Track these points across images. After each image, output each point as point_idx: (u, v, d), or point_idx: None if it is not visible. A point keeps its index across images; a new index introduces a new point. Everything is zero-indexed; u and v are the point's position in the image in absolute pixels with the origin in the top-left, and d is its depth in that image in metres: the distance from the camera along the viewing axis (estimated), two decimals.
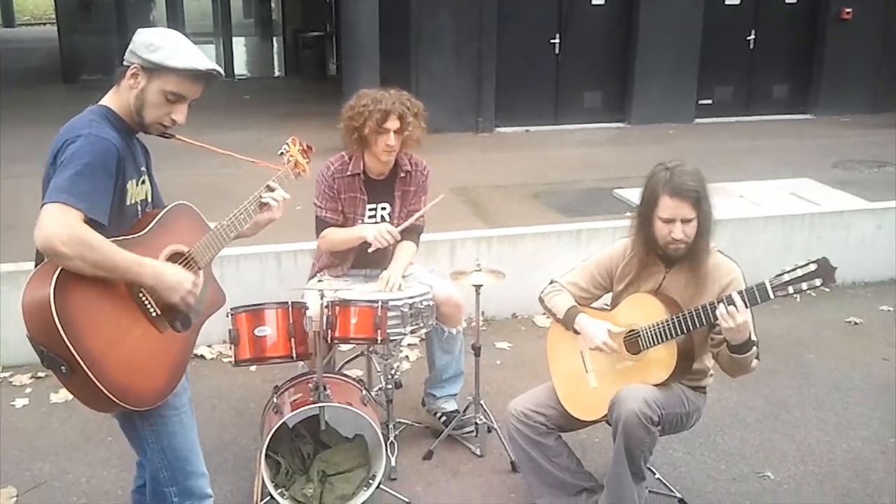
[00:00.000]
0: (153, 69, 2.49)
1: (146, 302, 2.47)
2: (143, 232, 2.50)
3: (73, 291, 2.28)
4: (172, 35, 2.54)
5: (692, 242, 3.13)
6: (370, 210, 4.03)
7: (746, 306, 2.92)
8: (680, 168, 3.11)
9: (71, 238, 2.24)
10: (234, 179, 2.92)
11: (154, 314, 2.49)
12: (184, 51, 2.52)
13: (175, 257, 2.59)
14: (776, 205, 6.92)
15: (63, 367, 2.29)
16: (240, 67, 16.67)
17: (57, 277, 2.25)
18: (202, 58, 2.56)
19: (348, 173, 3.96)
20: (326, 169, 3.98)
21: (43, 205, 2.29)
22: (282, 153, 3.15)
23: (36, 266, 2.42)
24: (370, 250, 3.86)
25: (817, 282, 2.82)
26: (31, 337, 2.31)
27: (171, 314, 2.55)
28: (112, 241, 2.34)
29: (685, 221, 3.09)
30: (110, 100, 2.56)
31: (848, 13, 11.65)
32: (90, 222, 2.30)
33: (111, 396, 2.33)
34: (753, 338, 3.07)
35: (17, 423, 4.30)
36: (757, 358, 3.12)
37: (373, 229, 3.85)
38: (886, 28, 11.90)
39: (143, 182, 2.63)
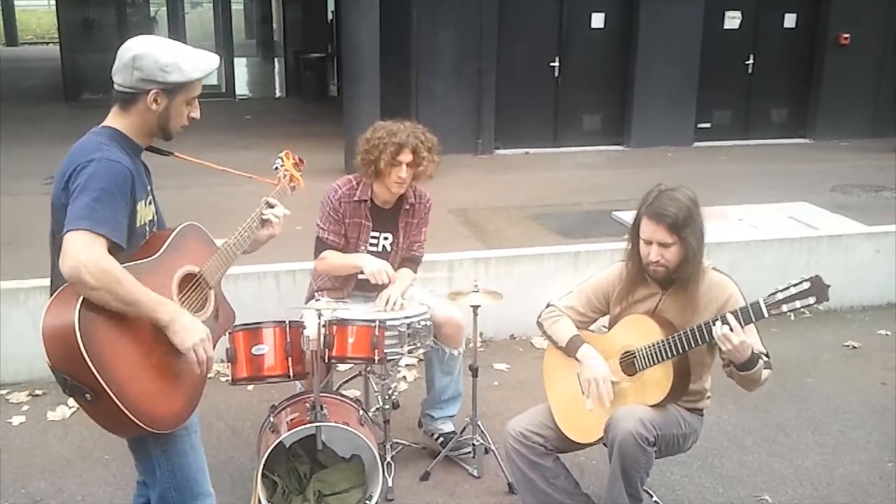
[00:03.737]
0: (174, 88, 2.52)
1: None
2: (156, 255, 2.51)
3: (97, 317, 2.27)
4: (169, 46, 2.54)
5: (678, 268, 3.14)
6: (372, 237, 4.04)
7: (742, 326, 2.93)
8: (669, 192, 3.12)
9: (99, 270, 2.24)
10: (234, 197, 2.94)
11: None
12: (191, 58, 2.54)
13: (187, 278, 2.60)
14: (774, 228, 6.93)
15: (88, 395, 2.27)
16: (241, 88, 16.73)
17: (81, 304, 2.23)
18: (206, 56, 2.60)
19: (355, 199, 3.98)
20: (333, 192, 3.99)
21: (65, 232, 2.28)
22: (276, 168, 3.17)
23: (52, 289, 2.41)
24: (360, 276, 3.87)
25: (811, 300, 2.83)
26: (54, 366, 2.28)
27: None
28: (128, 267, 2.34)
29: (663, 245, 3.10)
30: (116, 121, 2.56)
31: (846, 38, 11.74)
32: (111, 246, 2.31)
33: (137, 421, 2.33)
34: (760, 348, 3.09)
35: (13, 441, 4.29)
36: (769, 368, 3.11)
37: (372, 265, 3.85)
38: (884, 53, 11.98)
39: (150, 203, 2.64)
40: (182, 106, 2.57)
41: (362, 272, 3.87)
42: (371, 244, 4.04)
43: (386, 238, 4.06)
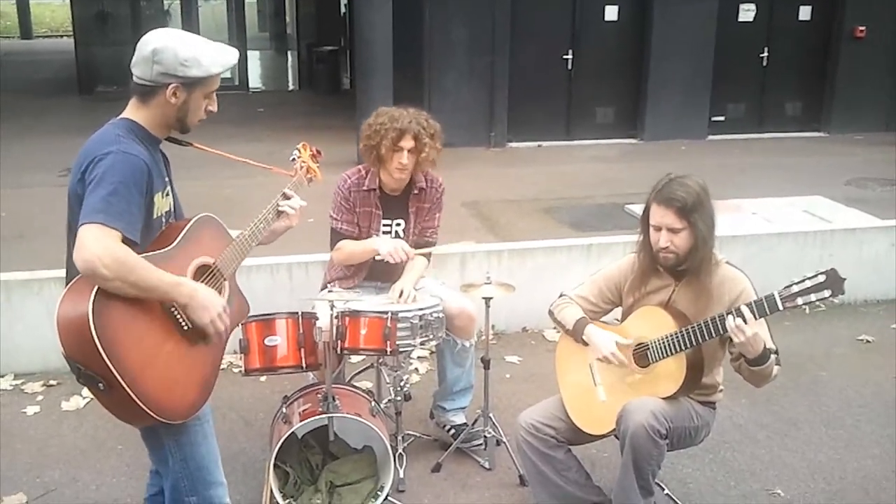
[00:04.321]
0: (194, 83, 2.53)
1: (178, 316, 2.48)
2: (171, 246, 2.52)
3: (111, 308, 2.28)
4: (189, 40, 2.55)
5: (689, 255, 3.13)
6: (385, 226, 4.05)
7: (756, 318, 2.92)
8: (679, 179, 3.13)
9: (113, 261, 2.25)
10: (247, 190, 2.96)
11: (186, 327, 2.50)
12: (210, 53, 2.55)
13: (202, 269, 2.61)
14: (788, 222, 6.91)
15: (101, 385, 2.29)
16: (254, 81, 16.78)
17: (95, 295, 2.25)
18: (225, 50, 2.61)
19: (364, 188, 3.99)
20: (343, 182, 4.01)
21: (80, 225, 2.30)
22: (293, 159, 3.18)
23: (67, 280, 2.42)
24: (378, 257, 3.88)
25: (826, 293, 2.81)
26: (68, 355, 2.30)
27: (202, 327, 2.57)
28: (144, 258, 2.36)
29: (672, 231, 3.10)
30: (134, 113, 2.57)
31: (861, 31, 11.66)
32: (125, 241, 2.32)
33: (149, 412, 2.35)
34: (770, 346, 3.07)
35: (28, 431, 4.32)
36: (778, 364, 3.10)
37: (387, 244, 3.87)
38: None
39: (168, 194, 2.65)
40: (200, 99, 2.59)
41: (378, 255, 3.88)
42: (384, 232, 4.05)
43: (398, 224, 4.07)
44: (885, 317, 5.91)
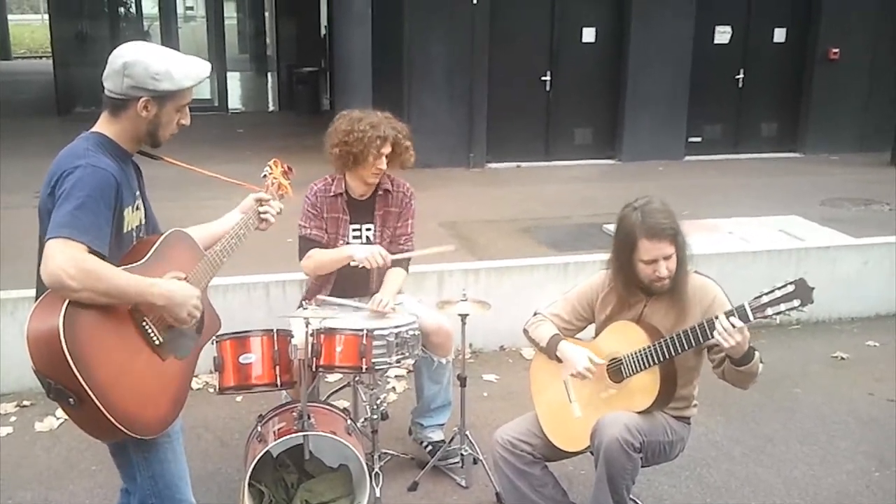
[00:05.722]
0: (165, 96, 2.53)
1: (149, 330, 2.48)
2: (142, 261, 2.51)
3: (81, 323, 2.27)
4: (160, 54, 2.55)
5: (675, 275, 3.16)
6: (354, 230, 4.07)
7: (733, 326, 2.93)
8: (650, 207, 3.14)
9: (78, 271, 2.24)
10: (224, 210, 2.95)
11: (157, 342, 2.49)
12: (182, 66, 2.55)
13: None
14: (763, 240, 6.96)
15: (71, 400, 2.27)
16: (234, 102, 16.76)
17: (66, 309, 2.24)
18: (197, 63, 2.61)
19: (331, 193, 4.02)
20: (310, 190, 4.05)
21: (46, 240, 2.29)
22: (265, 175, 3.19)
23: (37, 295, 2.41)
24: (353, 263, 3.88)
25: (795, 302, 2.84)
26: (38, 370, 2.29)
27: (173, 341, 2.56)
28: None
29: (667, 258, 3.12)
30: (105, 127, 2.56)
31: (835, 53, 11.82)
32: (92, 254, 2.31)
33: (120, 427, 2.33)
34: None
35: (0, 452, 4.27)
36: (761, 361, 3.11)
37: (362, 251, 3.88)
38: (873, 68, 12.06)
39: (138, 208, 2.65)
40: (172, 113, 2.58)
41: (352, 262, 3.88)
42: (354, 237, 4.07)
43: (368, 229, 4.09)
44: (858, 334, 5.96)
